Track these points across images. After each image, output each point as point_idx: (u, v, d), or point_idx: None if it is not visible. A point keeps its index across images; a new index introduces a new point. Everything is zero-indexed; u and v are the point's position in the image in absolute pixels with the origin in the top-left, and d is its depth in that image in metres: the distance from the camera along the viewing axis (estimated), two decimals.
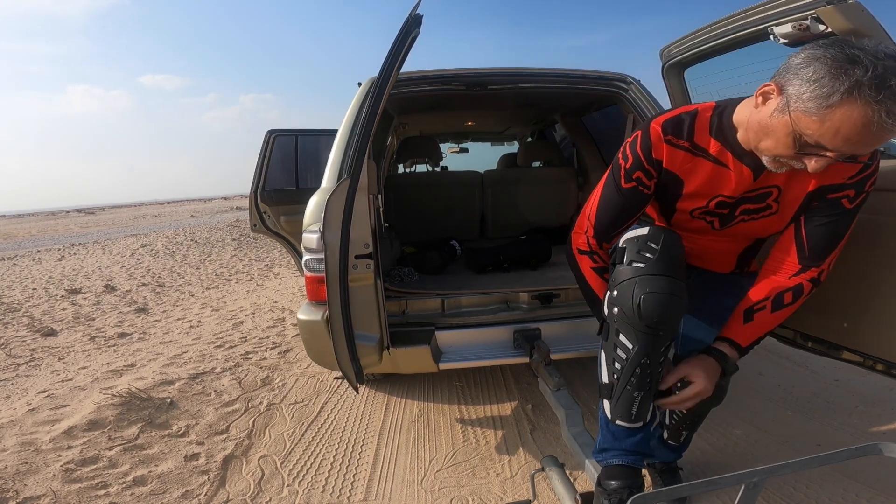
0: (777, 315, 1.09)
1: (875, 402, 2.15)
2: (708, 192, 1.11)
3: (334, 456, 1.92)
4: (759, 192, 1.08)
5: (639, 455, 1.23)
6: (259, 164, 3.43)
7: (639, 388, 1.07)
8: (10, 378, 2.94)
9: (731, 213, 1.13)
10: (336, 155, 2.09)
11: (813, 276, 1.08)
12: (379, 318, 1.61)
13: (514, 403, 2.30)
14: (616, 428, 1.18)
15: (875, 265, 1.31)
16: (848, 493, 1.56)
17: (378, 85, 1.37)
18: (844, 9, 1.19)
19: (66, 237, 15.25)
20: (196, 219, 20.92)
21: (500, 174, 3.74)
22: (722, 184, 1.09)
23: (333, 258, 1.39)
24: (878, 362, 1.36)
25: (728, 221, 1.15)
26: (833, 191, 1.02)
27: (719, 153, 1.07)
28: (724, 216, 1.14)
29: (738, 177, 1.07)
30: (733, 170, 1.07)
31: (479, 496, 1.63)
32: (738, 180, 1.07)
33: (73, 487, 1.72)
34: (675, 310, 1.02)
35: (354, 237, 1.43)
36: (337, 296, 1.40)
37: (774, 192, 1.08)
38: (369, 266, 1.54)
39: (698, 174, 1.09)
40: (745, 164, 1.05)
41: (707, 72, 1.75)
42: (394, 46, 1.34)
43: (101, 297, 5.30)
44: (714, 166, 1.08)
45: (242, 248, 9.15)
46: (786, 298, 1.08)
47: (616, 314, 1.06)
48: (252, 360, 2.99)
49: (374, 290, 1.58)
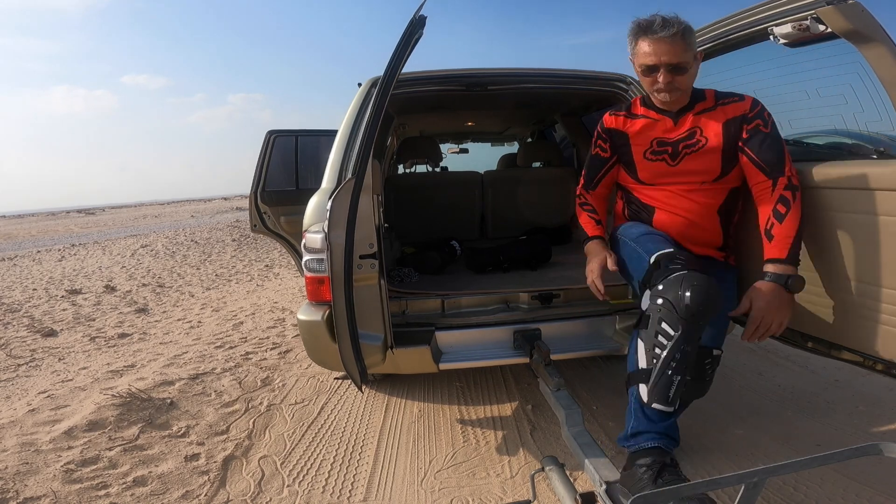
0: (788, 222, 1.33)
1: (875, 402, 2.15)
2: (646, 135, 1.53)
3: (334, 456, 1.92)
4: (687, 133, 1.48)
5: (671, 439, 1.33)
6: (259, 165, 3.43)
7: (678, 371, 1.20)
8: (10, 378, 2.94)
9: (674, 149, 1.50)
10: (336, 155, 2.09)
11: (785, 183, 1.36)
12: (383, 318, 1.60)
13: (514, 404, 2.30)
14: (652, 411, 1.28)
15: (875, 265, 1.31)
16: (848, 492, 1.56)
17: (382, 85, 1.37)
18: (844, 9, 1.19)
19: (67, 237, 15.26)
20: (196, 219, 20.93)
21: (500, 174, 3.75)
22: (654, 130, 1.53)
23: (338, 258, 1.39)
24: (878, 362, 1.36)
25: (676, 156, 1.50)
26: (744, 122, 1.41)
27: (645, 113, 1.56)
28: (670, 153, 1.50)
29: (662, 124, 1.52)
30: (657, 120, 1.52)
31: (479, 496, 1.63)
32: (664, 126, 1.51)
33: (73, 488, 1.72)
34: (716, 300, 1.20)
35: (359, 237, 1.43)
36: (342, 295, 1.39)
37: (696, 130, 1.47)
38: (374, 266, 1.54)
39: (635, 125, 1.56)
40: (665, 115, 1.51)
41: (707, 73, 1.75)
42: (398, 47, 1.34)
43: (102, 298, 5.30)
44: (644, 120, 1.55)
45: (242, 249, 9.15)
46: (780, 209, 1.34)
47: (661, 304, 1.22)
48: (252, 361, 2.99)
49: (378, 290, 1.57)
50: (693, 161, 1.47)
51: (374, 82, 2.20)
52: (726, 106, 1.43)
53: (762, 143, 1.38)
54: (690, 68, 1.40)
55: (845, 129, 1.43)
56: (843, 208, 1.37)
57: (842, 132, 1.50)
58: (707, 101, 1.47)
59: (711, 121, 1.44)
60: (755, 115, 1.40)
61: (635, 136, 1.54)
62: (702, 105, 1.47)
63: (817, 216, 1.45)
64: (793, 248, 1.30)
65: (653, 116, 1.52)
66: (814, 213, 1.46)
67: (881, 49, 1.17)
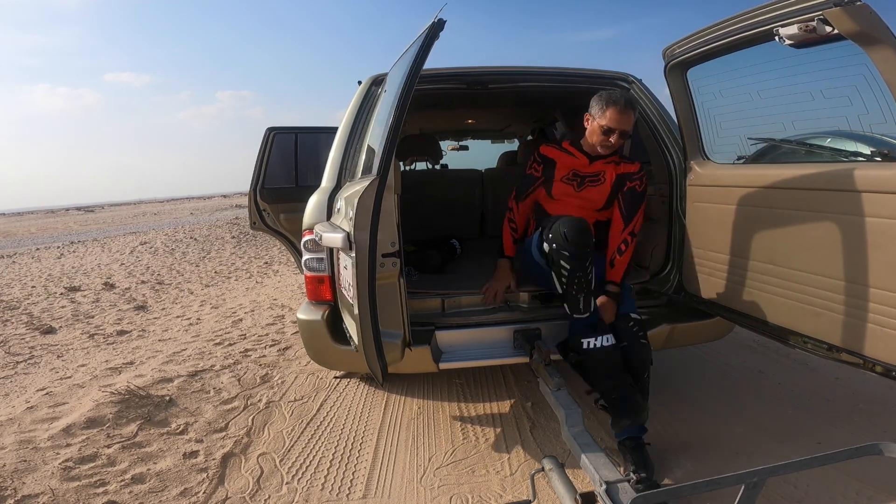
0: (623, 257, 1.92)
1: (875, 401, 2.15)
2: (567, 166, 2.01)
3: (333, 453, 1.92)
4: (593, 172, 1.99)
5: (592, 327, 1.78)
6: (258, 162, 3.42)
7: (580, 290, 1.72)
8: (8, 376, 2.93)
9: (581, 180, 2.00)
10: (336, 153, 2.08)
11: (630, 230, 1.95)
12: (402, 316, 1.61)
13: (513, 401, 2.30)
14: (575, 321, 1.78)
15: (876, 268, 1.31)
16: (848, 492, 1.56)
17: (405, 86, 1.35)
18: (852, 10, 1.18)
19: (66, 235, 15.23)
20: (195, 216, 20.90)
21: (500, 172, 3.73)
22: (574, 163, 2.01)
23: (363, 257, 1.38)
24: (877, 364, 1.36)
25: (581, 185, 2.00)
26: (628, 179, 1.95)
27: (571, 150, 2.02)
28: (578, 182, 2.00)
29: (580, 161, 2.00)
30: (577, 157, 2.00)
31: (478, 494, 1.63)
32: (581, 162, 2.00)
33: (71, 485, 1.72)
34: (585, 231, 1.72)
35: (382, 236, 1.43)
36: (366, 294, 1.39)
37: (601, 173, 1.98)
38: (395, 264, 1.55)
39: (563, 157, 2.02)
40: (584, 155, 1.99)
41: (710, 72, 1.75)
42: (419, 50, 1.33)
43: (101, 295, 5.29)
44: (570, 156, 2.01)
45: (242, 246, 9.14)
46: (622, 247, 1.93)
47: (554, 247, 1.73)
48: (251, 358, 2.99)
49: (398, 288, 1.58)
50: (590, 192, 1.99)
51: (375, 80, 2.19)
52: (625, 163, 1.98)
53: (629, 199, 1.96)
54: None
55: (849, 131, 1.42)
56: (846, 210, 1.36)
57: (846, 134, 1.50)
58: (615, 156, 1.98)
59: (611, 170, 1.98)
60: (638, 177, 1.96)
61: (560, 165, 2.02)
62: (613, 157, 1.98)
63: (819, 218, 1.44)
64: (623, 275, 1.92)
65: (576, 154, 2.00)
66: (815, 214, 1.46)
67: (888, 51, 1.17)
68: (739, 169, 1.78)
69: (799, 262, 1.53)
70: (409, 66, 1.35)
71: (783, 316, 1.63)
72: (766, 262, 1.64)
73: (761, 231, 1.66)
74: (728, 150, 1.87)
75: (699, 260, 1.98)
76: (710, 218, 1.90)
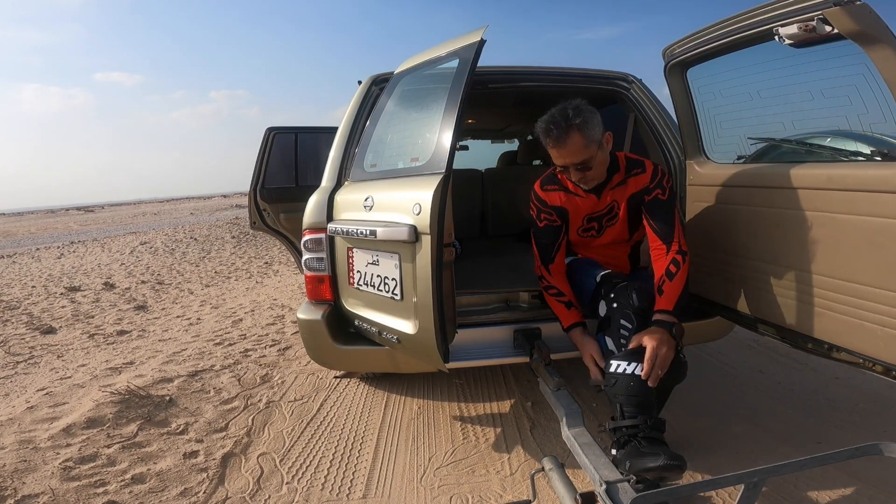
0: (676, 281, 1.56)
1: (876, 400, 2.15)
2: (579, 213, 1.76)
3: (333, 453, 1.92)
4: (607, 208, 1.73)
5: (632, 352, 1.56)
6: (258, 162, 3.42)
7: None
8: (8, 376, 2.93)
9: (599, 224, 1.78)
10: (336, 153, 2.08)
11: (675, 249, 1.60)
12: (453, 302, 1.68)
13: (513, 401, 2.30)
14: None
15: (876, 267, 1.31)
16: (848, 492, 1.56)
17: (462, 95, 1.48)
18: (851, 10, 1.18)
19: (66, 235, 15.23)
20: (195, 216, 20.90)
21: (500, 172, 3.74)
22: (585, 206, 1.75)
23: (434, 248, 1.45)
24: (876, 363, 1.36)
25: (601, 230, 1.79)
26: (644, 193, 1.63)
27: (576, 190, 1.73)
28: (596, 228, 1.79)
29: (589, 201, 1.73)
30: (586, 198, 1.73)
31: (478, 494, 1.63)
32: (591, 202, 1.73)
33: (71, 485, 1.72)
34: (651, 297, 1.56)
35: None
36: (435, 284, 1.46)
37: (614, 205, 1.72)
38: (452, 254, 1.60)
39: (573, 202, 1.75)
40: (590, 193, 1.71)
41: (710, 72, 1.74)
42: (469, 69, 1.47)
43: (101, 295, 5.29)
44: (578, 198, 1.74)
45: (242, 246, 9.14)
46: (671, 269, 1.57)
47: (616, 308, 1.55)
48: (251, 358, 2.99)
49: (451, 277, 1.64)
50: (611, 232, 1.79)
51: (375, 80, 2.19)
52: (633, 178, 1.66)
53: (657, 212, 1.64)
54: (596, 158, 1.57)
55: (849, 131, 1.42)
56: (846, 210, 1.36)
57: (846, 133, 1.50)
58: (620, 171, 1.69)
59: (622, 195, 1.70)
60: (655, 184, 1.64)
61: (573, 214, 1.77)
62: (617, 177, 1.69)
63: (819, 218, 1.44)
64: (678, 302, 1.53)
65: (582, 195, 1.73)
66: (816, 214, 1.45)
67: (888, 51, 1.17)
68: (739, 168, 1.78)
69: (799, 262, 1.53)
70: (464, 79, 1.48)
71: (783, 315, 1.64)
72: (767, 261, 1.64)
73: (761, 231, 1.66)
74: (728, 150, 1.87)
75: (699, 260, 1.98)
76: (710, 218, 1.90)
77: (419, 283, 1.50)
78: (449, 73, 1.59)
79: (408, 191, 1.56)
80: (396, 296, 1.62)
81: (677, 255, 1.58)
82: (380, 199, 1.68)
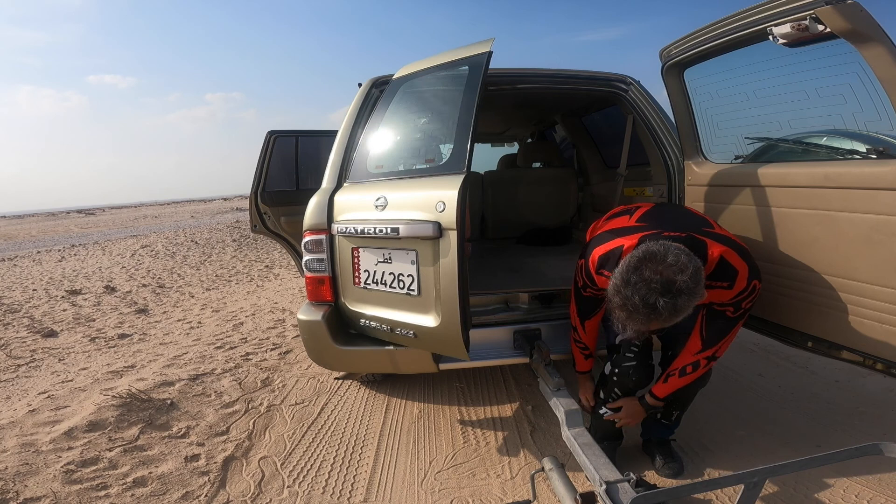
0: (682, 379, 1.56)
1: (875, 403, 2.15)
2: None
3: (334, 457, 1.92)
4: None
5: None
6: (259, 165, 3.43)
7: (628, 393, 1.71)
8: (10, 379, 2.94)
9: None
10: (336, 155, 2.08)
11: (708, 354, 1.52)
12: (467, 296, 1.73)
13: (514, 405, 2.30)
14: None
15: (874, 265, 1.31)
16: (848, 492, 1.56)
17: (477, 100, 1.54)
18: (843, 9, 1.19)
19: (67, 238, 15.26)
20: (196, 220, 20.94)
21: (500, 175, 3.74)
22: None
23: (459, 241, 1.50)
24: (877, 361, 1.36)
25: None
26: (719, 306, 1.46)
27: None
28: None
29: None
30: None
31: (479, 497, 1.63)
32: None
33: (73, 488, 1.72)
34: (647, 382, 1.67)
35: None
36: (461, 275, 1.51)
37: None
38: (469, 250, 1.65)
39: None
40: None
41: (706, 72, 1.75)
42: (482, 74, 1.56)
43: (102, 298, 5.30)
44: None
45: (242, 249, 9.15)
46: (687, 369, 1.54)
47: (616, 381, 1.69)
48: (252, 362, 2.99)
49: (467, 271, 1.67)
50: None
51: (375, 82, 2.20)
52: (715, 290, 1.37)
53: (715, 323, 1.49)
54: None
55: (844, 129, 1.43)
56: (843, 208, 1.37)
57: (841, 132, 1.51)
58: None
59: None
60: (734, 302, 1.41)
61: None
62: None
63: (816, 216, 1.45)
64: (670, 395, 1.62)
65: None
66: (813, 212, 1.46)
67: (880, 49, 1.17)
68: (737, 168, 1.79)
69: (797, 260, 1.54)
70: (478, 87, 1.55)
71: (783, 314, 1.64)
72: (765, 260, 1.64)
73: (759, 230, 1.66)
74: (725, 150, 1.87)
75: None
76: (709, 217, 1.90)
77: (443, 278, 1.54)
78: (458, 79, 1.65)
79: (429, 190, 1.59)
80: (413, 292, 1.64)
81: (703, 360, 1.51)
82: (394, 199, 1.69)
